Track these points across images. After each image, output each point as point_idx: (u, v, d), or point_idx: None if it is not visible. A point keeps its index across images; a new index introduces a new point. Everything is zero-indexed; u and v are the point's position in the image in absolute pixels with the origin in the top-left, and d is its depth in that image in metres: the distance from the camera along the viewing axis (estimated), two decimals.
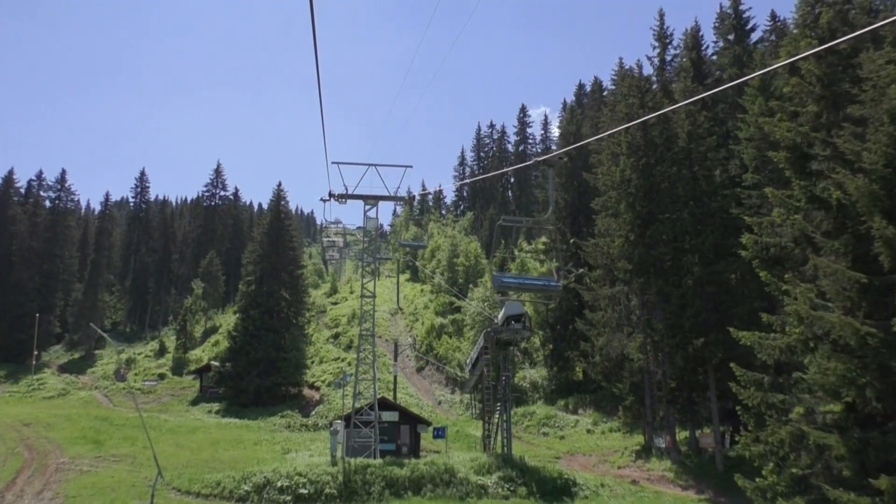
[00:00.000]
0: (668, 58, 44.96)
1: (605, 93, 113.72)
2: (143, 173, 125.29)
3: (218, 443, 43.80)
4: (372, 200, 36.00)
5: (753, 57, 39.34)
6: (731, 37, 41.68)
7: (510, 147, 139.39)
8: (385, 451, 36.92)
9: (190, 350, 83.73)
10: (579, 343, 53.52)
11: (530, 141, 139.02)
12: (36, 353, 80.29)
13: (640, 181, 34.77)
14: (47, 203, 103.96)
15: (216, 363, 67.92)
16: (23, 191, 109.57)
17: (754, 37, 43.14)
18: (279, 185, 79.43)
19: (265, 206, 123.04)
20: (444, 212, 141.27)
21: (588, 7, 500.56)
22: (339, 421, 33.75)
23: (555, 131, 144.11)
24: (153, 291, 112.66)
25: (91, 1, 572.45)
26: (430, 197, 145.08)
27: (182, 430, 49.43)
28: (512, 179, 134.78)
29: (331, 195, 36.83)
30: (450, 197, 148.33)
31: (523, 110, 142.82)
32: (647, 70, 45.85)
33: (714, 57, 42.75)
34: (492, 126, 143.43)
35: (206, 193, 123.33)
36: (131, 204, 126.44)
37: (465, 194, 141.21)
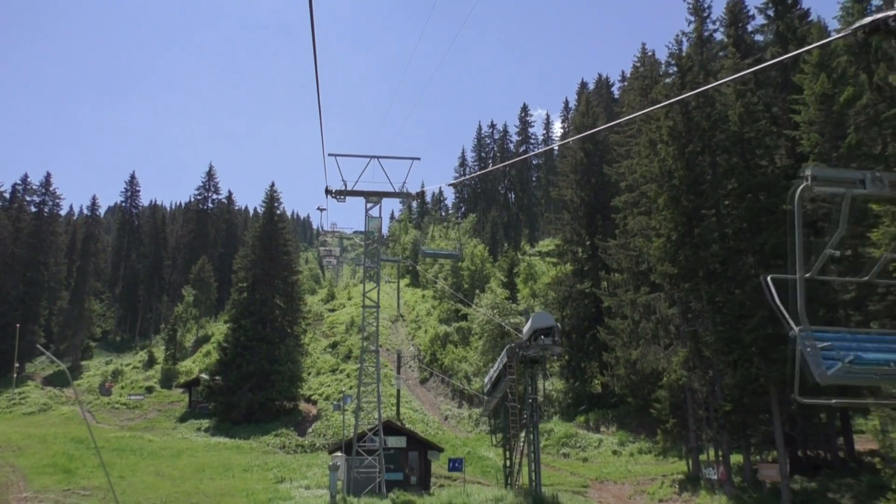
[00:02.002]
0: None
1: (613, 88, 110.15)
2: (133, 177, 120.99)
3: (204, 470, 39.34)
4: (375, 197, 31.74)
5: (797, 34, 35.14)
6: (770, 12, 37.42)
7: (511, 147, 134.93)
8: (391, 481, 32.55)
9: (180, 361, 79.35)
10: (599, 353, 49.28)
11: (532, 141, 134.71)
12: (17, 365, 75.79)
13: (685, 172, 30.36)
14: (33, 208, 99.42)
15: (205, 376, 63.41)
16: (7, 195, 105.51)
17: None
18: (272, 185, 75.09)
19: (261, 211, 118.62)
20: (444, 213, 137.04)
21: (587, 8, 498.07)
22: (339, 454, 29.33)
23: (557, 131, 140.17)
24: (144, 299, 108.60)
25: (81, 5, 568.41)
26: (430, 199, 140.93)
27: (165, 453, 44.95)
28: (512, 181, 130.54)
29: (328, 192, 32.52)
30: (450, 199, 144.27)
31: (525, 109, 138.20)
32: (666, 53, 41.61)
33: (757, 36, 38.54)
34: (492, 126, 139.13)
35: (198, 197, 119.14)
36: (125, 208, 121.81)
37: (465, 196, 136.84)
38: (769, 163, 31.87)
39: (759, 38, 38.08)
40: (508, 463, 31.32)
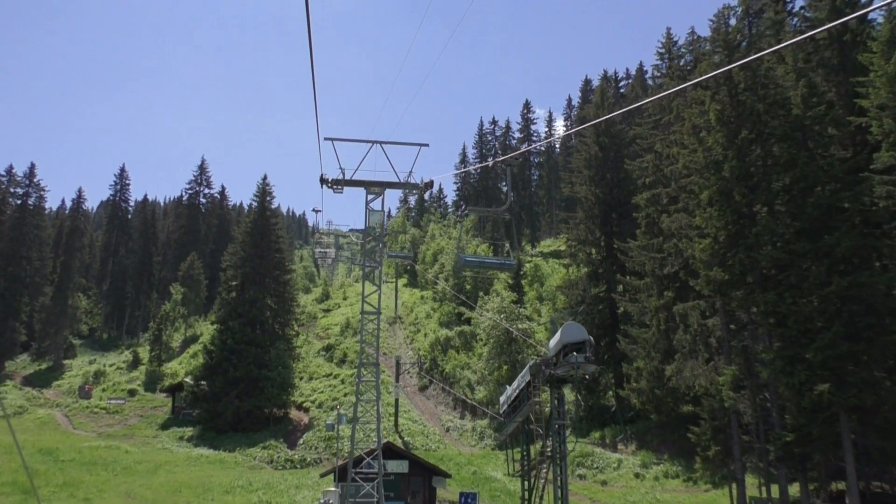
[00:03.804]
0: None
1: (620, 83, 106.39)
2: (122, 170, 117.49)
3: (181, 490, 35.39)
4: (377, 188, 27.66)
5: (856, 7, 31.23)
6: None
7: (513, 143, 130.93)
8: None
9: (166, 362, 75.27)
10: (616, 364, 45.52)
11: (534, 138, 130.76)
12: None
13: (737, 163, 26.38)
14: (17, 201, 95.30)
15: (189, 381, 59.29)
16: None
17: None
18: (264, 178, 70.46)
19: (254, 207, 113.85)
20: (442, 211, 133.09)
21: (586, 8, 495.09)
22: (331, 489, 25.37)
23: (559, 129, 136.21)
24: (132, 296, 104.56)
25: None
26: (427, 196, 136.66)
27: (141, 468, 40.91)
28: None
29: (323, 181, 28.38)
30: (450, 197, 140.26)
31: (527, 106, 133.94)
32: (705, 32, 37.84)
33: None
34: (494, 122, 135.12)
35: (190, 192, 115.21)
36: (114, 202, 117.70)
37: (466, 194, 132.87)
38: (824, 154, 28.01)
39: (809, 14, 34.17)
40: (528, 495, 27.31)
